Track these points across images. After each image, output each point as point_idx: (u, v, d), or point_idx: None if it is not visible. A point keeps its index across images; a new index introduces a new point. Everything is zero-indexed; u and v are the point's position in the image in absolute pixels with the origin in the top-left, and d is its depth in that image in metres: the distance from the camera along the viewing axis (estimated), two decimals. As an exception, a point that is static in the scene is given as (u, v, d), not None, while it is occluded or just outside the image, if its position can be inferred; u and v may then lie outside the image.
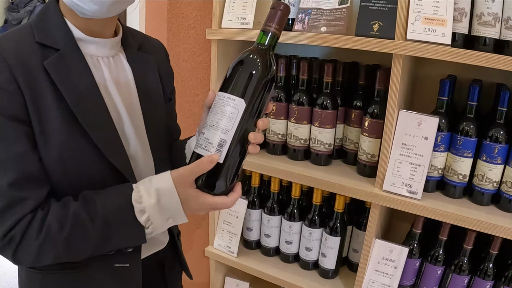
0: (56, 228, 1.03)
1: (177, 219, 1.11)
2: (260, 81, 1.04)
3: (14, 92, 1.00)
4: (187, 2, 2.04)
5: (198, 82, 2.17)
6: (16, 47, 1.04)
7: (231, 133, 1.03)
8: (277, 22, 1.09)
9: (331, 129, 1.90)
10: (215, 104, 1.06)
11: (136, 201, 1.06)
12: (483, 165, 1.59)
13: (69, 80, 1.07)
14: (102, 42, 1.18)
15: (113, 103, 1.19)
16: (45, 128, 1.04)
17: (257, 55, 1.07)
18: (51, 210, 1.04)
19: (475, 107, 1.61)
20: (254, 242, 2.23)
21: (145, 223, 1.08)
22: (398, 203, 1.65)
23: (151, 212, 1.07)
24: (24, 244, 1.02)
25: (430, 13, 1.51)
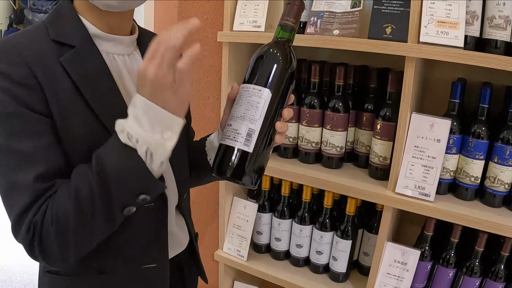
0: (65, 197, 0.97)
1: (166, 122, 0.97)
2: (283, 72, 1.07)
3: (34, 87, 0.99)
4: (198, 4, 2.05)
5: (209, 85, 2.18)
6: (32, 44, 1.04)
7: (258, 122, 1.04)
8: (294, 16, 1.13)
9: (342, 132, 1.91)
10: (240, 96, 1.07)
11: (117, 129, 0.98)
12: (494, 167, 1.60)
13: (87, 76, 1.07)
14: (119, 40, 1.17)
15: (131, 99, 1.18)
16: (66, 123, 1.03)
17: (277, 48, 1.10)
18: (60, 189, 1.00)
19: (486, 109, 1.61)
20: (264, 246, 2.23)
21: (130, 140, 0.96)
22: (410, 206, 1.66)
23: (129, 125, 0.96)
24: (44, 233, 0.97)
25: (442, 16, 1.52)
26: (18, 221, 0.99)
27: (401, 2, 1.63)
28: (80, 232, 0.99)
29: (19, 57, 0.99)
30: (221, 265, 2.29)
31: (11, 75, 0.98)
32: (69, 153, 1.05)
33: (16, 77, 0.98)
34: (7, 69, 0.98)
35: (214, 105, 2.22)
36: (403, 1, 1.62)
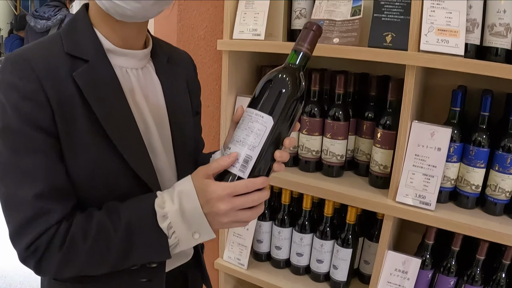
0: (80, 238, 1.02)
1: (201, 229, 1.06)
2: (289, 100, 1.04)
3: (42, 103, 0.99)
4: (197, 13, 2.05)
5: (208, 93, 2.18)
6: (45, 57, 1.03)
7: (257, 149, 1.02)
8: (309, 42, 1.09)
9: (343, 141, 1.91)
10: (243, 120, 1.06)
11: (159, 206, 1.05)
12: (495, 175, 1.60)
13: (98, 92, 1.07)
14: (132, 54, 1.18)
15: (142, 115, 1.18)
16: (73, 140, 1.04)
17: (287, 74, 1.06)
18: (75, 220, 1.04)
19: (487, 117, 1.61)
20: (264, 254, 2.22)
21: (167, 230, 1.04)
22: (411, 214, 1.65)
23: (173, 218, 1.04)
24: (47, 256, 1.02)
25: (443, 24, 1.52)
26: (17, 234, 1.02)
27: (401, 10, 1.63)
28: (85, 267, 1.06)
29: (31, 71, 1.00)
30: (221, 273, 2.28)
31: (21, 89, 0.99)
32: (71, 170, 1.06)
33: (25, 92, 0.99)
34: (18, 82, 0.99)
35: (214, 113, 2.22)
36: (403, 9, 1.62)
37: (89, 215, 1.05)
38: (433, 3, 1.53)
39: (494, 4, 1.52)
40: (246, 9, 1.94)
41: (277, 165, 1.09)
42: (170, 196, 1.06)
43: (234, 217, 1.03)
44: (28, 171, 1.00)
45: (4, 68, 1.01)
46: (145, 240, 1.05)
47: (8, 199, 1.02)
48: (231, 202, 1.01)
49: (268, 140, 1.03)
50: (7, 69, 1.01)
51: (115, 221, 1.04)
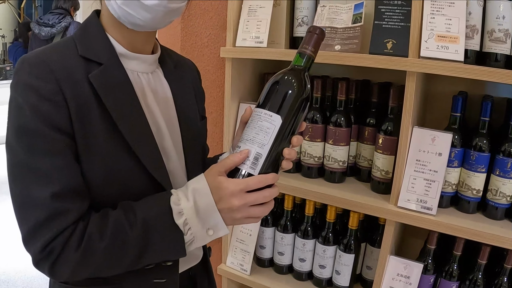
0: (97, 237, 1.03)
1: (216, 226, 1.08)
2: (296, 99, 1.08)
3: (60, 104, 1.01)
4: (201, 20, 2.07)
5: (212, 100, 2.19)
6: (62, 60, 1.05)
7: (267, 147, 1.05)
8: (313, 45, 1.13)
9: (345, 147, 1.92)
10: (252, 120, 1.09)
11: (174, 203, 1.06)
12: (496, 180, 1.61)
13: (113, 94, 1.09)
14: (143, 58, 1.20)
15: (154, 118, 1.20)
16: (89, 141, 1.05)
17: (293, 75, 1.10)
18: (91, 220, 1.04)
19: (487, 122, 1.63)
20: (267, 260, 2.23)
21: (183, 226, 1.06)
22: (413, 219, 1.66)
23: (189, 214, 1.05)
24: (63, 257, 1.01)
25: (443, 30, 1.54)
26: (32, 236, 1.02)
27: (401, 17, 1.65)
28: (100, 267, 1.06)
29: (49, 73, 1.01)
30: (224, 279, 2.29)
31: (40, 90, 1.00)
32: (86, 170, 1.07)
33: (44, 92, 1.00)
34: (36, 83, 1.00)
35: (217, 120, 2.23)
36: (404, 16, 1.64)
37: (104, 214, 1.06)
38: (433, 10, 1.55)
39: (493, 10, 1.54)
40: (249, 17, 1.96)
41: (286, 163, 1.12)
42: (185, 194, 1.07)
43: (247, 213, 1.06)
44: (45, 171, 1.00)
45: (21, 70, 1.02)
46: (162, 237, 1.07)
47: (23, 199, 1.02)
48: (244, 198, 1.03)
49: (277, 138, 1.06)
50: (24, 70, 1.02)
51: (131, 219, 1.05)
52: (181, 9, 1.13)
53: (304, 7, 1.94)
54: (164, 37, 2.03)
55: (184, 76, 1.36)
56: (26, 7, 10.80)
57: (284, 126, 1.07)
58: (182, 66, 1.38)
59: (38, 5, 11.56)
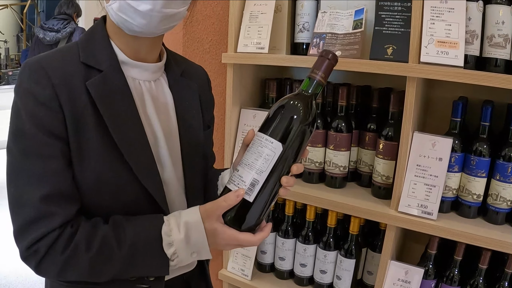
0: (83, 247, 1.04)
1: (202, 254, 1.12)
2: (299, 127, 1.06)
3: (55, 109, 1.03)
4: (203, 26, 2.08)
5: (213, 106, 2.20)
6: (61, 66, 1.07)
7: (264, 174, 1.05)
8: (324, 70, 1.10)
9: (345, 152, 1.93)
10: (253, 144, 1.08)
11: (166, 233, 1.08)
12: (497, 185, 1.61)
13: (110, 101, 1.09)
14: (145, 66, 1.20)
15: (152, 127, 1.20)
16: (82, 147, 1.06)
17: (299, 101, 1.08)
18: (80, 229, 1.06)
19: (487, 127, 1.63)
20: (268, 265, 2.23)
21: (171, 256, 1.09)
22: (413, 224, 1.67)
23: (179, 246, 1.08)
24: (49, 258, 1.04)
25: (442, 36, 1.55)
26: (19, 233, 1.06)
27: (401, 23, 1.66)
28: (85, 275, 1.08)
29: (47, 79, 1.03)
30: (225, 284, 2.29)
31: (37, 95, 1.02)
32: (78, 176, 1.08)
33: (40, 98, 1.02)
34: (34, 88, 1.02)
35: (218, 125, 2.24)
36: (404, 22, 1.65)
37: (94, 226, 1.08)
38: (432, 16, 1.56)
39: (493, 15, 1.55)
40: (250, 23, 1.97)
41: (283, 190, 1.12)
42: (177, 224, 1.09)
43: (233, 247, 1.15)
44: (37, 174, 1.03)
45: (22, 74, 1.05)
46: (148, 261, 1.09)
47: (15, 199, 1.05)
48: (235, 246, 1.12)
49: (276, 166, 1.05)
50: (25, 74, 1.04)
51: (120, 238, 1.07)
52: (179, 15, 1.13)
53: (305, 13, 1.95)
54: (166, 42, 2.04)
55: (190, 85, 1.35)
56: (28, 13, 10.83)
57: (284, 154, 1.05)
58: (189, 73, 1.37)
59: (41, 11, 11.59)
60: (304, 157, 1.15)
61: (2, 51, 10.77)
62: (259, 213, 1.09)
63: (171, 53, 1.35)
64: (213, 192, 1.36)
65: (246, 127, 2.10)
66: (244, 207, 1.07)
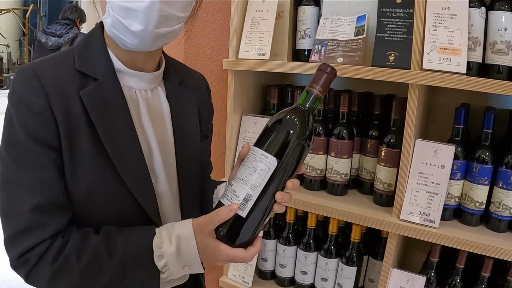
0: (74, 258, 1.04)
1: (193, 268, 1.11)
2: (295, 142, 1.05)
3: (48, 119, 1.01)
4: (204, 32, 2.08)
5: (214, 112, 2.18)
6: (56, 74, 1.05)
7: (258, 189, 1.04)
8: (322, 84, 1.09)
9: (347, 159, 1.92)
10: (247, 158, 1.07)
11: (156, 246, 1.07)
12: (499, 192, 1.60)
13: (103, 111, 1.08)
14: (142, 76, 1.18)
15: (146, 137, 1.19)
16: (75, 157, 1.05)
17: (296, 116, 1.07)
18: (71, 239, 1.05)
19: (490, 134, 1.63)
20: (269, 273, 2.22)
21: (161, 268, 1.08)
22: (415, 232, 1.65)
23: (170, 259, 1.08)
24: (39, 268, 1.04)
25: (445, 42, 1.54)
26: (10, 243, 1.05)
27: (403, 29, 1.65)
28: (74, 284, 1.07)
29: (40, 87, 1.02)
30: (226, 292, 2.28)
31: (30, 104, 1.01)
32: (70, 186, 1.07)
33: (33, 107, 1.01)
34: (27, 97, 1.01)
35: (219, 132, 2.23)
36: (406, 29, 1.65)
37: (85, 237, 1.07)
38: (435, 22, 1.55)
39: (496, 22, 1.54)
40: (251, 29, 1.97)
41: (278, 206, 1.10)
42: (169, 236, 1.09)
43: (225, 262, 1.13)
44: (29, 183, 1.02)
45: (16, 81, 1.04)
46: (138, 273, 1.09)
47: (6, 207, 1.05)
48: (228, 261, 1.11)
49: (270, 181, 1.04)
50: (18, 82, 1.03)
51: (111, 250, 1.06)
52: (174, 33, 1.11)
53: (307, 20, 1.95)
54: (167, 48, 2.03)
55: (188, 94, 1.33)
56: (30, 17, 10.85)
57: (279, 169, 1.05)
58: (188, 82, 1.36)
59: (43, 15, 11.63)
60: (300, 172, 1.13)
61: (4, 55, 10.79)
62: (252, 229, 1.08)
63: (170, 61, 1.33)
64: (209, 204, 1.35)
65: (247, 133, 2.09)
66: (237, 222, 1.06)
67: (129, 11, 1.01)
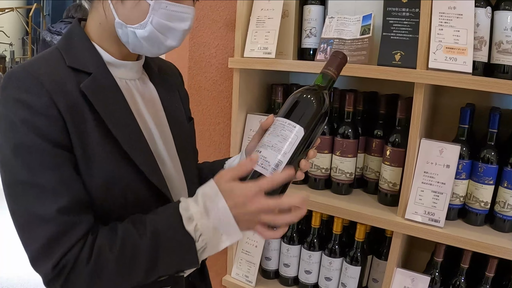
0: (107, 248, 1.00)
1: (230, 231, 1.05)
2: (316, 115, 1.13)
3: (55, 117, 0.99)
4: (209, 31, 2.08)
5: (219, 110, 2.20)
6: (51, 72, 1.04)
7: (287, 156, 1.08)
8: (336, 67, 1.20)
9: (352, 158, 1.92)
10: (275, 128, 1.11)
11: (184, 209, 1.04)
12: (504, 192, 1.60)
13: (106, 102, 1.08)
14: (130, 65, 1.21)
15: (145, 123, 1.20)
16: (87, 151, 1.04)
17: (317, 92, 1.16)
18: (100, 233, 1.02)
19: (495, 134, 1.63)
20: (272, 272, 2.22)
21: (194, 232, 1.03)
22: (420, 232, 1.65)
23: (199, 219, 1.03)
24: (75, 272, 0.99)
25: (451, 42, 1.54)
26: (42, 255, 0.99)
27: (409, 29, 1.65)
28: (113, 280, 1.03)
29: (39, 86, 0.99)
30: (230, 290, 2.28)
31: (32, 105, 0.98)
32: (86, 181, 1.05)
33: (37, 107, 0.98)
34: (27, 98, 0.98)
35: (224, 131, 2.23)
36: (412, 28, 1.65)
37: (113, 226, 1.05)
38: (441, 22, 1.55)
39: (501, 21, 1.54)
40: (257, 28, 1.97)
41: (300, 173, 1.15)
42: (195, 199, 1.06)
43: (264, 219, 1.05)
44: (48, 186, 0.98)
45: (9, 85, 1.01)
46: (173, 245, 1.04)
47: (28, 218, 0.99)
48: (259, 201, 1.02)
49: (298, 148, 1.09)
50: (11, 85, 1.00)
51: (141, 228, 1.03)
52: None
53: (312, 19, 1.95)
54: (172, 47, 2.05)
55: (168, 79, 1.38)
56: (34, 16, 10.88)
57: (304, 138, 1.10)
58: (165, 69, 1.41)
59: (46, 14, 11.65)
60: (316, 144, 1.20)
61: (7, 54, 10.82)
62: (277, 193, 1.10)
63: None
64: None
65: (252, 132, 2.09)
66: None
67: (169, 29, 1.11)
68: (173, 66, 1.51)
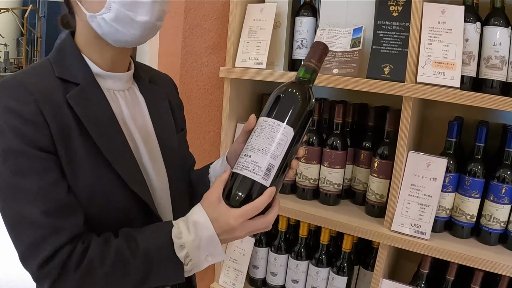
0: (98, 263, 1.03)
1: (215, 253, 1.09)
2: (302, 111, 1.11)
3: (41, 124, 1.02)
4: (202, 40, 2.09)
5: (210, 119, 2.20)
6: (39, 82, 1.07)
7: (279, 158, 1.07)
8: (317, 59, 1.17)
9: (340, 170, 1.93)
10: (262, 129, 1.09)
11: (176, 236, 1.07)
12: (490, 205, 1.62)
13: (91, 113, 1.10)
14: (118, 76, 1.23)
15: (131, 135, 1.22)
16: (72, 161, 1.06)
17: (301, 87, 1.13)
18: (92, 245, 1.05)
19: (482, 148, 1.64)
20: (260, 280, 2.22)
21: (184, 259, 1.07)
22: (406, 243, 1.67)
23: (190, 248, 1.07)
24: (63, 276, 1.02)
25: (439, 56, 1.56)
26: (28, 255, 1.03)
27: (399, 42, 1.67)
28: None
29: (28, 95, 1.03)
30: (217, 298, 2.28)
31: (21, 113, 1.01)
32: (74, 189, 1.08)
33: (25, 115, 1.01)
34: (16, 106, 1.01)
35: (214, 139, 2.24)
36: (401, 42, 1.66)
37: (106, 241, 1.07)
38: (430, 36, 1.57)
39: (490, 37, 1.56)
40: (249, 38, 1.98)
41: (291, 172, 1.16)
42: (186, 226, 1.08)
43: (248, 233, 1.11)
44: (33, 190, 1.01)
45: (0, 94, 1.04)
46: (163, 268, 1.08)
47: (16, 220, 1.03)
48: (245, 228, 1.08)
49: (288, 150, 1.09)
50: (3, 94, 1.04)
51: (133, 249, 1.06)
52: (159, 28, 1.19)
53: (304, 30, 1.96)
54: (164, 55, 2.05)
55: (158, 90, 1.39)
56: (29, 17, 10.86)
57: (294, 138, 1.09)
58: (156, 80, 1.41)
59: (42, 15, 11.63)
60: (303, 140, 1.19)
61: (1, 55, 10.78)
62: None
63: (137, 63, 1.38)
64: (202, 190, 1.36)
65: (242, 141, 2.09)
66: (261, 192, 1.07)
67: (135, 4, 1.09)
68: (166, 76, 1.53)
